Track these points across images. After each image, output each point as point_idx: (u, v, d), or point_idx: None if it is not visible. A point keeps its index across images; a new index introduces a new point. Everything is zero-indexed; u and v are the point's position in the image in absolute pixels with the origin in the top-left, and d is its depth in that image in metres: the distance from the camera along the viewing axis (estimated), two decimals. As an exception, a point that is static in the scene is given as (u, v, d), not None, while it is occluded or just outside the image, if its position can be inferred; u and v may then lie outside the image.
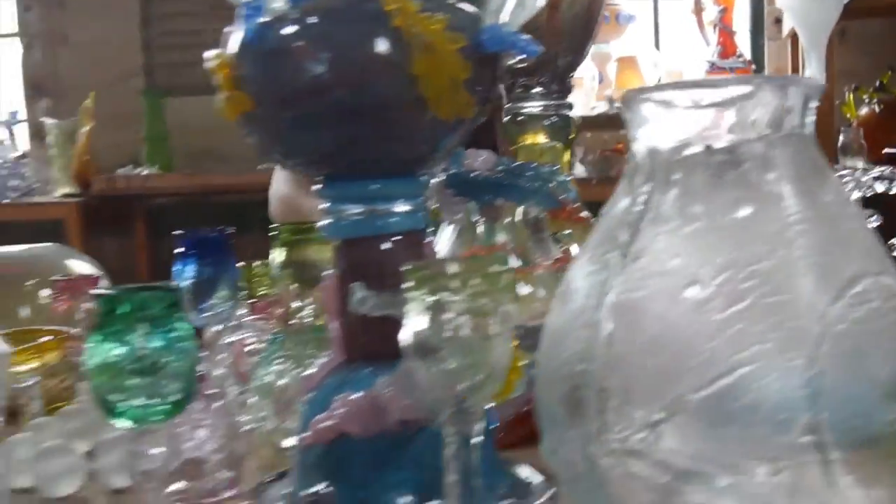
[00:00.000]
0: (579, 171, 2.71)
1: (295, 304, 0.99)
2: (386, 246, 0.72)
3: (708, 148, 0.60)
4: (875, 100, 2.82)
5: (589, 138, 2.86)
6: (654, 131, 0.62)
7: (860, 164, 2.25)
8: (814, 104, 0.62)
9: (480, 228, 1.00)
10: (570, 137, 1.16)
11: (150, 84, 3.54)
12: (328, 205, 0.73)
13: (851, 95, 2.93)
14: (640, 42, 3.27)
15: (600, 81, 3.07)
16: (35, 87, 3.69)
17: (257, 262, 1.20)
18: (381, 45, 0.65)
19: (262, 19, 0.67)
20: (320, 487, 0.58)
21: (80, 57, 3.60)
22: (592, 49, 1.30)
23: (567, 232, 1.07)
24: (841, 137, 2.90)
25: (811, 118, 0.62)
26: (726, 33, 3.04)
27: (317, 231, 0.99)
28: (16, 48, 3.72)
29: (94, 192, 3.24)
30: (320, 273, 0.99)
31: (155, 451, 0.64)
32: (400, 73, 0.65)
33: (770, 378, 0.55)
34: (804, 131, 0.62)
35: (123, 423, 0.63)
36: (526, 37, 0.68)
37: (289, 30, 0.66)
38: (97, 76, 3.52)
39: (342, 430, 0.69)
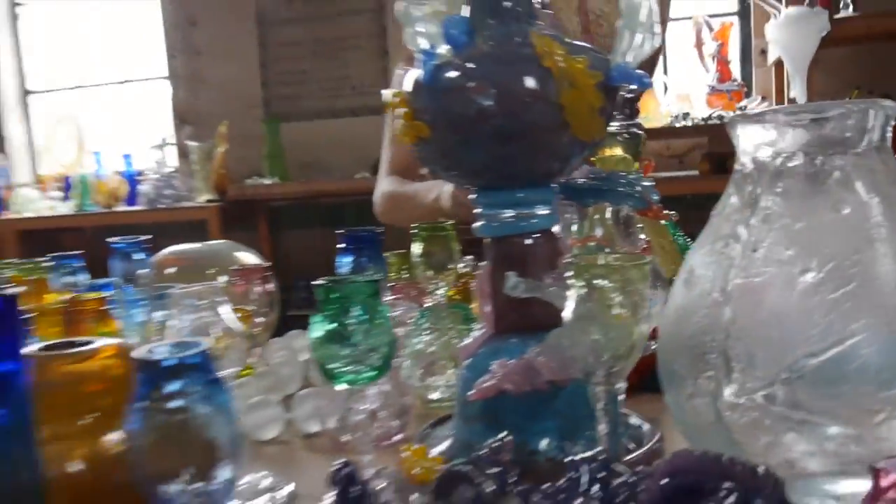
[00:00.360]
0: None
1: (431, 286, 0.98)
2: (529, 242, 0.70)
3: (806, 160, 0.58)
4: (845, 113, 2.74)
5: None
6: (759, 147, 0.60)
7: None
8: (892, 123, 0.59)
9: (575, 225, 0.98)
10: (638, 150, 1.13)
11: (268, 113, 3.54)
12: (481, 210, 0.71)
13: (825, 110, 2.87)
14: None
15: (622, 103, 3.00)
16: (180, 118, 3.71)
17: (387, 254, 1.18)
18: (535, 82, 0.63)
19: (435, 63, 0.65)
20: (503, 436, 0.56)
21: (214, 93, 3.62)
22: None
23: (639, 225, 1.05)
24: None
25: (889, 134, 0.59)
26: (723, 63, 2.97)
27: (446, 229, 0.98)
28: (166, 88, 3.74)
29: (229, 198, 3.25)
30: (447, 261, 0.98)
31: (361, 406, 0.63)
32: (549, 104, 0.63)
33: (875, 346, 0.52)
34: (884, 144, 0.59)
35: (340, 385, 0.62)
36: (642, 72, 0.66)
37: (458, 71, 0.64)
38: (227, 108, 3.53)
39: (502, 389, 0.67)
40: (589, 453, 0.53)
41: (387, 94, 0.71)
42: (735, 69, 3.10)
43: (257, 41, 3.54)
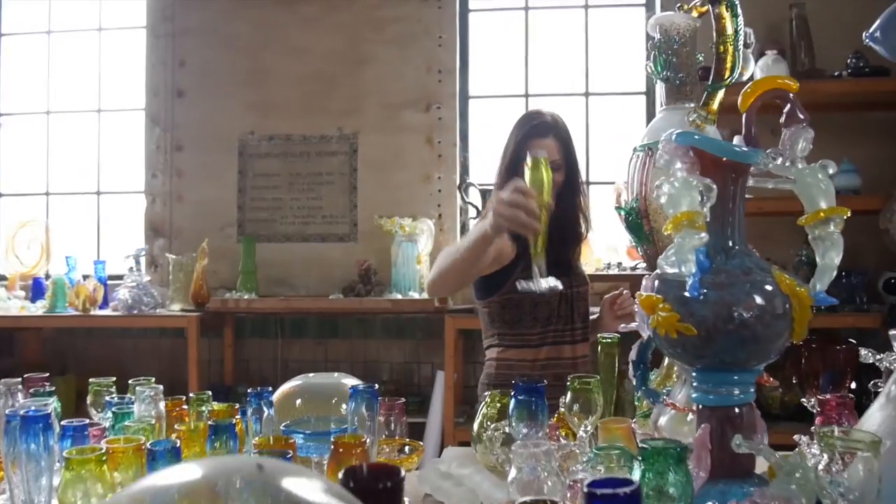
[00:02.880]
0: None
1: (579, 427, 1.11)
2: (739, 411, 0.87)
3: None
4: None
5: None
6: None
7: None
8: None
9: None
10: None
11: (241, 233, 3.56)
12: (699, 383, 0.87)
13: None
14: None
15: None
16: (154, 230, 3.66)
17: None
18: (779, 303, 0.81)
19: (697, 279, 0.82)
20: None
21: (190, 211, 3.61)
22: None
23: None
24: None
25: None
26: (640, 221, 3.30)
27: (590, 383, 1.13)
28: (140, 202, 3.69)
29: (208, 309, 3.22)
30: (592, 408, 1.12)
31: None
32: (785, 318, 0.81)
33: None
34: None
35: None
36: (831, 298, 0.86)
37: (722, 290, 0.81)
38: (203, 225, 3.53)
39: (736, 522, 0.81)
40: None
41: (640, 296, 0.86)
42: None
43: (237, 169, 3.59)
